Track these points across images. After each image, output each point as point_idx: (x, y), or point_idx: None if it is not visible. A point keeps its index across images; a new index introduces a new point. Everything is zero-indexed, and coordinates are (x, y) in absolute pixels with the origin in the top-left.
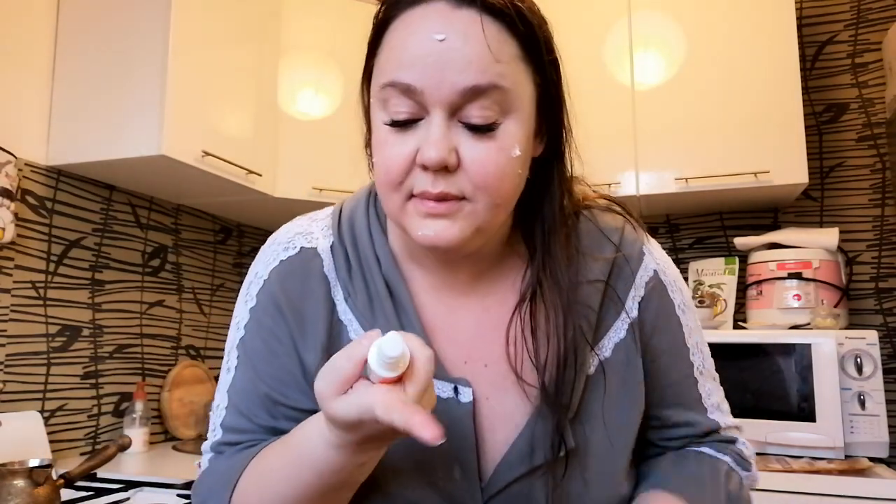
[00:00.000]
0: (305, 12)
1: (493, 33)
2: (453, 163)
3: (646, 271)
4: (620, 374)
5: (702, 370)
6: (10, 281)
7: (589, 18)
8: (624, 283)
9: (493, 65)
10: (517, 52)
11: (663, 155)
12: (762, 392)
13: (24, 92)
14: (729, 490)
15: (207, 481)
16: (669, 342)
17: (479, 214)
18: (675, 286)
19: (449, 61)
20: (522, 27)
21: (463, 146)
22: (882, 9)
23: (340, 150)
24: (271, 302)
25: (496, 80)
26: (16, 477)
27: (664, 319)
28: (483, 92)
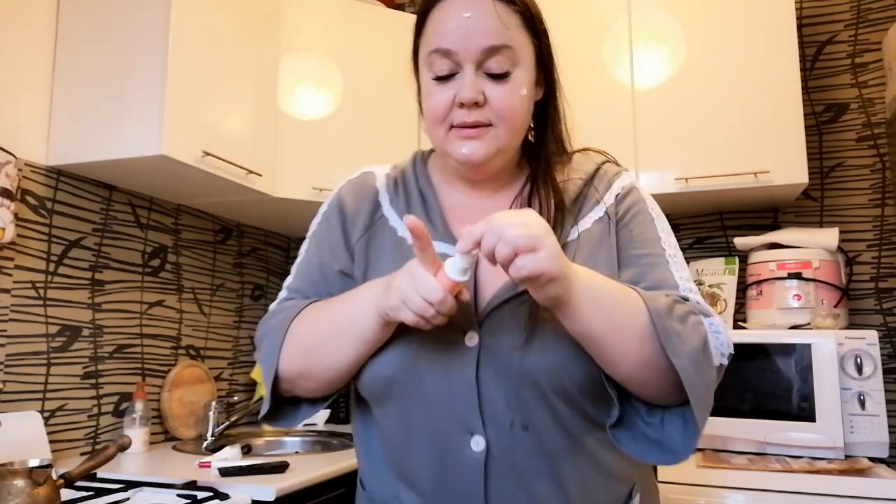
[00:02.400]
0: (305, 12)
1: (502, 10)
2: (481, 100)
3: (623, 182)
4: (595, 243)
5: (675, 260)
6: (10, 281)
7: (589, 18)
8: (604, 184)
9: (503, 31)
10: (519, 23)
11: (663, 155)
12: (762, 392)
13: (24, 92)
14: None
15: (270, 321)
16: (641, 228)
17: (500, 137)
18: (646, 196)
19: (474, 31)
20: (521, 5)
21: (487, 89)
22: (882, 9)
23: (340, 150)
24: (336, 203)
25: (507, 41)
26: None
27: (637, 212)
28: (498, 50)
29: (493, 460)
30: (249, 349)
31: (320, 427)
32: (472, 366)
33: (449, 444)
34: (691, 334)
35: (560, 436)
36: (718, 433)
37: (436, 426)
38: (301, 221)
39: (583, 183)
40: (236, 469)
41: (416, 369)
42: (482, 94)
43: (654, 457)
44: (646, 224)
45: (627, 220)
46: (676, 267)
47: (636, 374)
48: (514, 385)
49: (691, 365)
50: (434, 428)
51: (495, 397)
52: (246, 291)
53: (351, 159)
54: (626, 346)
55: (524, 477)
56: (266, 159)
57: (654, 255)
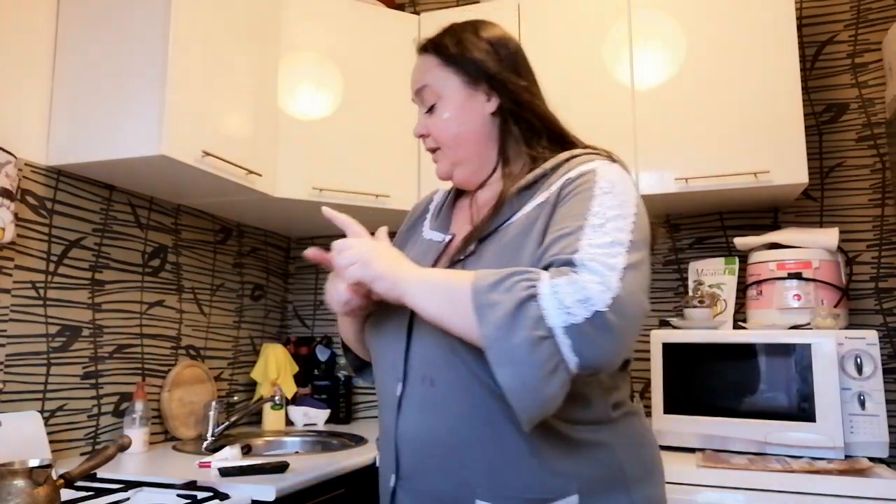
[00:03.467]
0: (305, 12)
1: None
2: (426, 133)
3: (583, 168)
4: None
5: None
6: (10, 281)
7: (589, 18)
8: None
9: (422, 76)
10: (436, 62)
11: (663, 155)
12: (762, 392)
13: (24, 92)
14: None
15: None
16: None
17: (449, 155)
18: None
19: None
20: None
21: (426, 122)
22: (882, 9)
23: (340, 150)
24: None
25: (424, 83)
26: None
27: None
28: (420, 90)
29: (405, 405)
30: (249, 349)
31: (320, 427)
32: (405, 325)
33: (387, 388)
34: (506, 300)
35: (463, 399)
36: (718, 433)
37: (385, 373)
38: (301, 221)
39: (535, 176)
40: (236, 469)
41: (382, 326)
42: (425, 127)
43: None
44: (579, 201)
45: (563, 200)
46: (591, 234)
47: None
48: (429, 344)
49: (493, 330)
50: (384, 374)
51: (417, 353)
52: (246, 291)
53: (351, 159)
54: (463, 324)
55: (426, 427)
56: (266, 159)
57: (568, 227)
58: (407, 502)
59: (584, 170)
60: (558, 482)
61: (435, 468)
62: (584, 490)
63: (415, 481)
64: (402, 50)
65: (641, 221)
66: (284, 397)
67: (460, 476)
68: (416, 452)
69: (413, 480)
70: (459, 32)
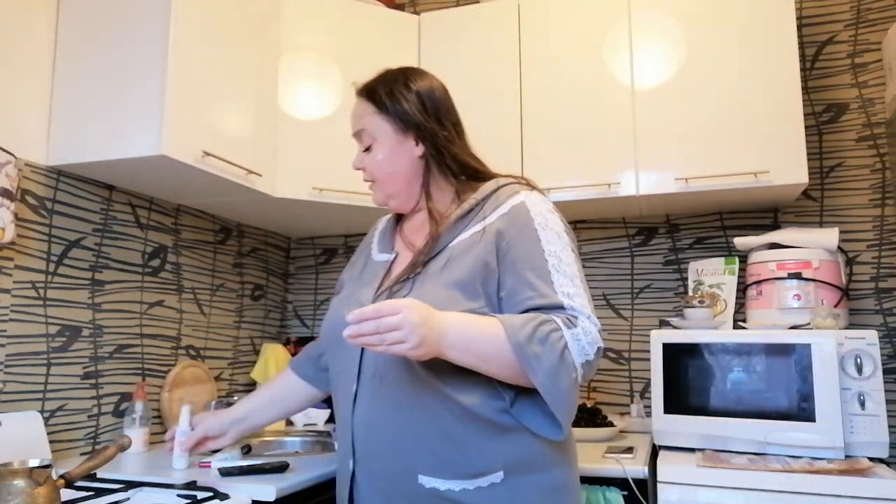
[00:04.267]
0: (305, 12)
1: (361, 105)
2: (362, 167)
3: (515, 200)
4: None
5: (558, 268)
6: (10, 281)
7: (589, 18)
8: (492, 205)
9: (359, 120)
10: (372, 110)
11: (663, 155)
12: (762, 392)
13: (24, 92)
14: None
15: None
16: (523, 240)
17: (382, 188)
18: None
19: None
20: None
21: (363, 159)
22: (882, 9)
23: (340, 150)
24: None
25: (362, 126)
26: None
27: (520, 225)
28: (359, 132)
29: (360, 399)
30: (249, 349)
31: (320, 427)
32: None
33: (343, 384)
34: (549, 353)
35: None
36: (718, 433)
37: (341, 372)
38: (301, 221)
39: (470, 206)
40: (236, 469)
41: (337, 332)
42: (362, 163)
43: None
44: (530, 240)
45: (510, 236)
46: (558, 274)
47: (512, 380)
48: None
49: (547, 379)
50: (340, 373)
51: (369, 356)
52: (246, 291)
53: (351, 159)
54: (496, 370)
55: (375, 416)
56: (266, 159)
57: (538, 267)
58: (364, 482)
59: (514, 203)
60: (486, 461)
61: (385, 451)
62: (508, 468)
63: (369, 463)
64: (403, 50)
65: (569, 237)
66: None
67: (405, 457)
68: (368, 438)
69: (368, 462)
70: (391, 83)
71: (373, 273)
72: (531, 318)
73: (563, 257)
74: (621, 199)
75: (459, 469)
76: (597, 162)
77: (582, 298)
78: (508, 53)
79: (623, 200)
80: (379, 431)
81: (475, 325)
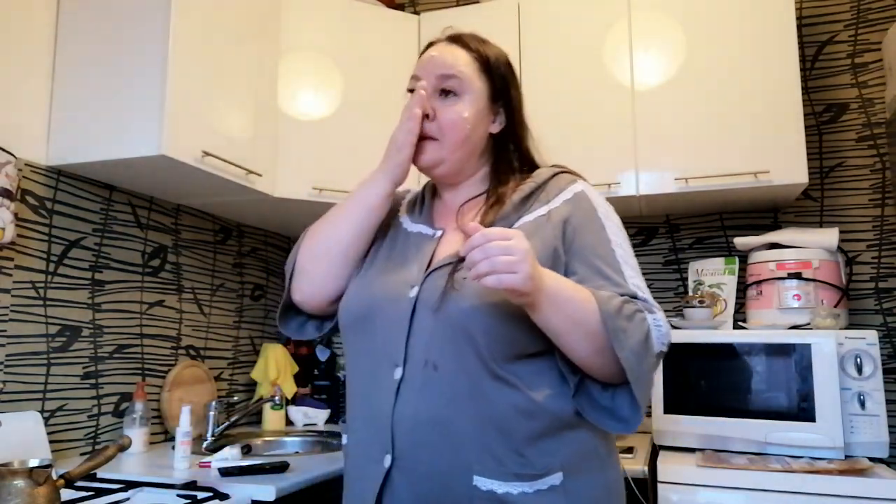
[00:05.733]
0: (305, 12)
1: (459, 52)
2: (431, 114)
3: (576, 187)
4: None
5: (626, 260)
6: (10, 281)
7: (589, 18)
8: (556, 190)
9: (454, 64)
10: (470, 61)
11: (663, 155)
12: (762, 392)
13: (24, 92)
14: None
15: None
16: (590, 228)
17: (443, 147)
18: (599, 204)
19: (436, 65)
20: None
21: (438, 107)
22: (882, 9)
23: (340, 150)
24: None
25: (457, 73)
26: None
27: (585, 212)
28: (449, 77)
29: (405, 389)
30: (249, 349)
31: (320, 427)
32: (407, 312)
33: (379, 371)
34: (635, 330)
35: (463, 383)
36: (718, 433)
37: (375, 356)
38: (301, 221)
39: (531, 189)
40: (236, 469)
41: (373, 310)
42: (433, 111)
43: (609, 424)
44: (597, 228)
45: (577, 222)
46: (626, 265)
47: (589, 359)
48: (433, 331)
49: (633, 356)
50: (373, 357)
51: (418, 340)
52: (246, 291)
53: (351, 159)
54: (580, 340)
55: (426, 408)
56: (266, 159)
57: (607, 255)
58: (402, 483)
59: (576, 190)
60: (547, 461)
61: (434, 447)
62: (566, 468)
63: (414, 462)
64: (402, 50)
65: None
66: (284, 397)
67: (460, 455)
68: (414, 433)
69: (412, 461)
70: (492, 47)
71: (415, 247)
72: (615, 294)
73: (627, 249)
74: (621, 199)
75: (519, 470)
76: (597, 162)
77: (649, 294)
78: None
79: (623, 200)
80: (429, 426)
81: (569, 285)
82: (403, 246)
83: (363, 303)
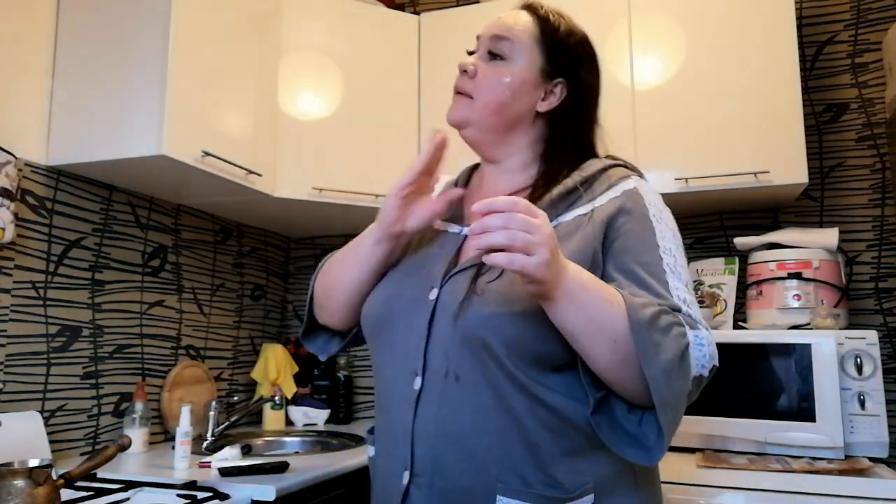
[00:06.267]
0: (305, 12)
1: (523, 18)
2: (472, 70)
3: (626, 186)
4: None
5: (673, 269)
6: (10, 281)
7: (589, 18)
8: (604, 186)
9: (512, 29)
10: (534, 32)
11: (663, 155)
12: (762, 392)
13: (23, 92)
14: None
15: None
16: (636, 229)
17: (474, 107)
18: (652, 203)
19: (495, 25)
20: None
21: (482, 65)
22: (882, 9)
23: (340, 150)
24: None
25: (510, 35)
26: (16, 477)
27: (634, 212)
28: (502, 38)
29: (425, 400)
30: (249, 349)
31: (320, 427)
32: (426, 317)
33: (399, 381)
34: (670, 345)
35: (487, 394)
36: (718, 433)
37: (395, 365)
38: (301, 221)
39: (575, 183)
40: (236, 469)
41: (393, 314)
42: (474, 67)
43: (628, 451)
44: (644, 231)
45: (621, 223)
46: (673, 275)
47: (611, 372)
48: (453, 338)
49: (662, 375)
50: (393, 366)
51: (438, 347)
52: (246, 291)
53: (351, 159)
54: (601, 347)
55: (446, 421)
56: (266, 159)
57: (651, 263)
58: (421, 501)
59: (628, 188)
60: (577, 480)
61: (456, 463)
62: (598, 489)
63: (433, 477)
64: (403, 50)
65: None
66: (284, 397)
67: (485, 473)
68: (435, 448)
69: (431, 477)
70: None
71: (440, 247)
72: (652, 303)
73: (678, 257)
74: None
75: (547, 491)
76: None
77: (698, 308)
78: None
79: None
80: (451, 440)
81: (596, 283)
82: (429, 245)
83: (382, 307)
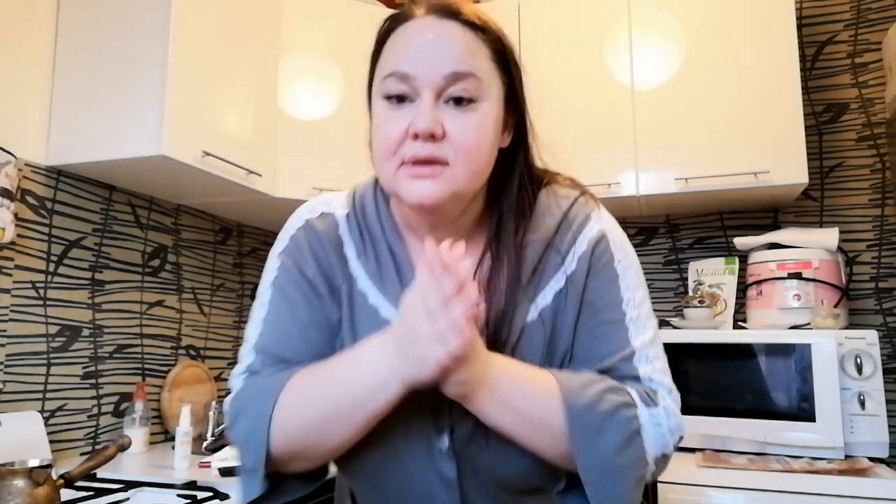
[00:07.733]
0: (305, 12)
1: (470, 37)
2: (439, 132)
3: (590, 231)
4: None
5: (636, 323)
6: (10, 281)
7: (589, 18)
8: (569, 239)
9: (469, 58)
10: (488, 54)
11: (663, 155)
12: (762, 392)
13: (23, 92)
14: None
15: (245, 395)
16: (602, 289)
17: (457, 179)
18: (619, 247)
19: (436, 55)
20: (490, 37)
21: (448, 121)
22: (882, 9)
23: (340, 150)
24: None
25: (472, 69)
26: (16, 477)
27: (600, 270)
28: (463, 77)
29: None
30: None
31: None
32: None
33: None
34: (612, 433)
35: None
36: (718, 433)
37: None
38: None
39: (543, 247)
40: (236, 469)
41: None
42: (440, 126)
43: None
44: (608, 284)
45: (589, 286)
46: (637, 331)
47: (561, 463)
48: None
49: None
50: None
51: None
52: (246, 291)
53: (351, 159)
54: (541, 443)
55: None
56: (266, 159)
57: (612, 321)
58: None
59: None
60: None
61: None
62: None
63: None
64: None
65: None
66: None
67: None
68: None
69: None
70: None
71: None
72: (596, 380)
73: (642, 306)
74: (621, 200)
75: None
76: (597, 162)
77: (663, 363)
78: None
79: (623, 200)
80: None
81: (524, 373)
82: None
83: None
